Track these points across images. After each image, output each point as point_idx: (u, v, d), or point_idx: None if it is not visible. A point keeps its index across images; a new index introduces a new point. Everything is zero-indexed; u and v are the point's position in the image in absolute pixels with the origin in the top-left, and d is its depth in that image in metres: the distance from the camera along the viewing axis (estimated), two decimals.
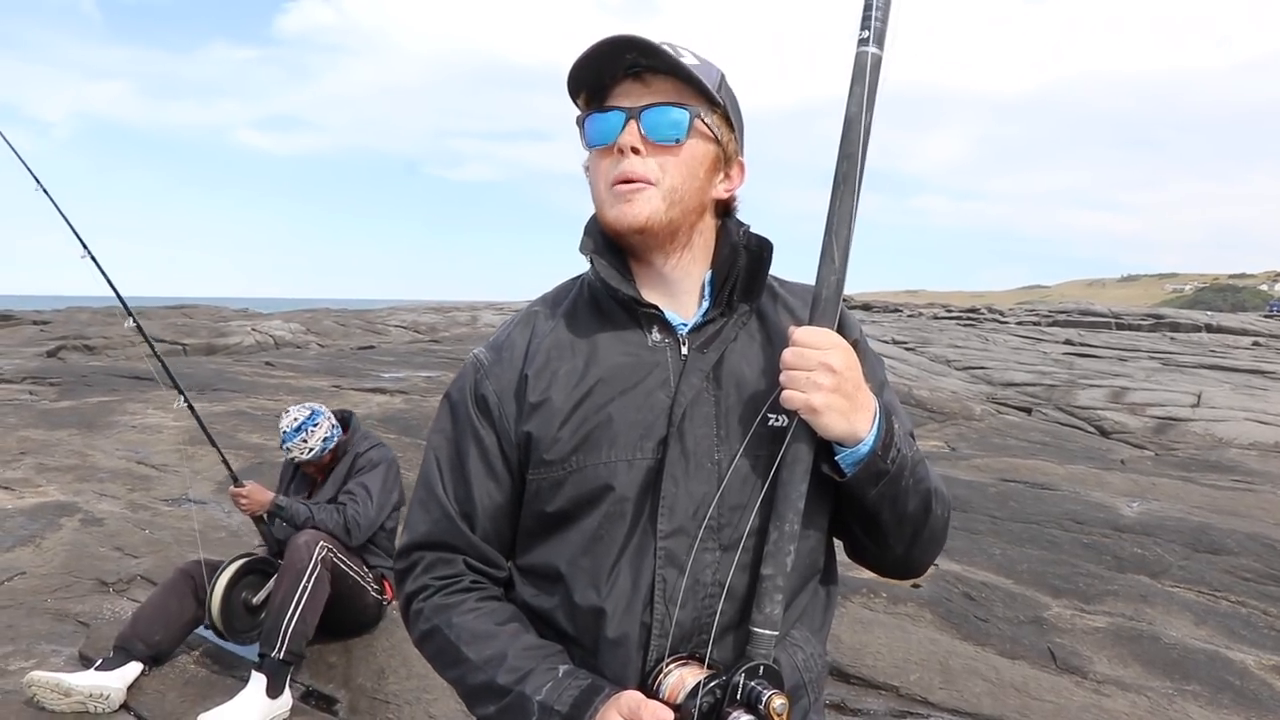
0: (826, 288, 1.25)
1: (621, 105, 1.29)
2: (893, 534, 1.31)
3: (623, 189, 1.28)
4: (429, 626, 1.32)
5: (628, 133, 1.27)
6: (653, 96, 1.28)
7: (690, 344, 1.31)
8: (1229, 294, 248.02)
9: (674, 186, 1.29)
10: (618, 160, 1.28)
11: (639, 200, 1.28)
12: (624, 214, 1.28)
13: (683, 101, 1.28)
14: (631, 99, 1.29)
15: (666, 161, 1.28)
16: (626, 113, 1.28)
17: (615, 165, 1.29)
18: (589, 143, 1.33)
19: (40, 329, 21.66)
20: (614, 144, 1.28)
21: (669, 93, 1.28)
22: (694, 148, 1.30)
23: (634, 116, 1.27)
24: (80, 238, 3.79)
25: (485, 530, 1.34)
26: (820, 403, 1.18)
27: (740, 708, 1.12)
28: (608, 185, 1.30)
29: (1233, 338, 26.10)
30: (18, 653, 3.83)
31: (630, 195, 1.28)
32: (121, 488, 6.66)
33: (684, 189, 1.30)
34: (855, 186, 1.25)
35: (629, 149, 1.27)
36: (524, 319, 1.41)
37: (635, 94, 1.29)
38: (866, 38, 1.26)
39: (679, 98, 1.28)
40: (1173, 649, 4.20)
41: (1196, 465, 8.85)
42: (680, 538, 1.24)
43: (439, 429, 1.40)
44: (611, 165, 1.29)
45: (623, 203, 1.28)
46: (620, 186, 1.28)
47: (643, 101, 1.28)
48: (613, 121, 1.29)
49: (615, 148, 1.28)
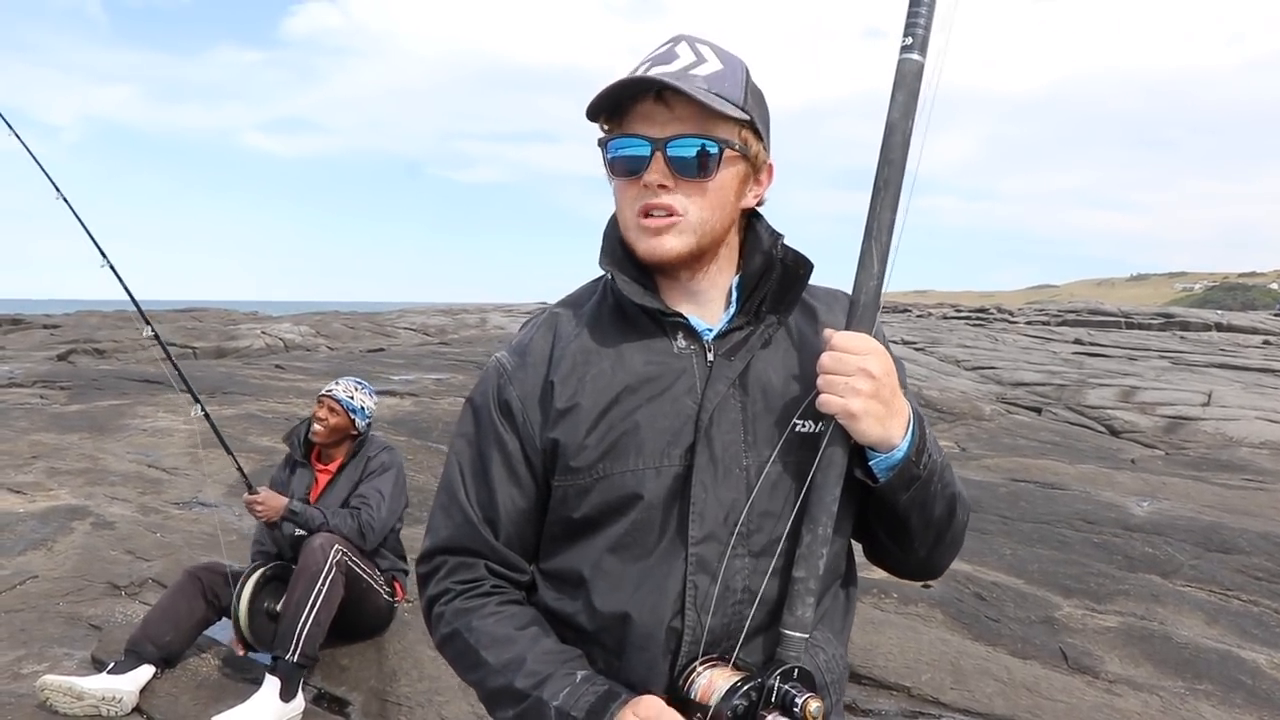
0: (865, 293, 1.24)
1: (646, 134, 1.24)
2: (918, 538, 1.32)
3: (651, 223, 1.26)
4: (450, 630, 1.32)
5: (654, 169, 1.24)
6: (679, 125, 1.23)
7: (716, 350, 1.30)
8: (1239, 293, 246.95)
9: (703, 220, 1.26)
10: (644, 191, 1.26)
11: (668, 236, 1.26)
12: (653, 249, 1.27)
13: (710, 133, 1.24)
14: (656, 126, 1.24)
15: (695, 195, 1.25)
16: (652, 144, 1.24)
17: (641, 195, 1.26)
18: (613, 172, 1.29)
19: (51, 333, 21.72)
20: (640, 180, 1.25)
21: (695, 119, 1.23)
22: (723, 178, 1.27)
23: (660, 149, 1.23)
24: (100, 247, 3.80)
25: (508, 535, 1.34)
26: (858, 408, 1.17)
27: (775, 710, 1.12)
28: (635, 214, 1.28)
29: (1243, 336, 26.00)
30: (30, 656, 3.85)
31: (660, 229, 1.26)
32: (132, 491, 6.68)
33: (714, 219, 1.27)
34: (896, 193, 1.24)
35: (654, 185, 1.24)
36: (546, 322, 1.39)
37: (660, 119, 1.24)
38: (910, 44, 1.24)
39: (706, 126, 1.24)
40: (1184, 648, 4.18)
41: (1207, 464, 8.81)
42: (711, 544, 1.24)
43: (462, 433, 1.40)
44: (638, 194, 1.27)
45: (650, 236, 1.26)
46: (648, 220, 1.26)
47: (669, 131, 1.23)
48: (638, 152, 1.25)
49: (641, 183, 1.25)
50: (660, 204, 1.25)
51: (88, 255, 3.83)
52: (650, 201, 1.25)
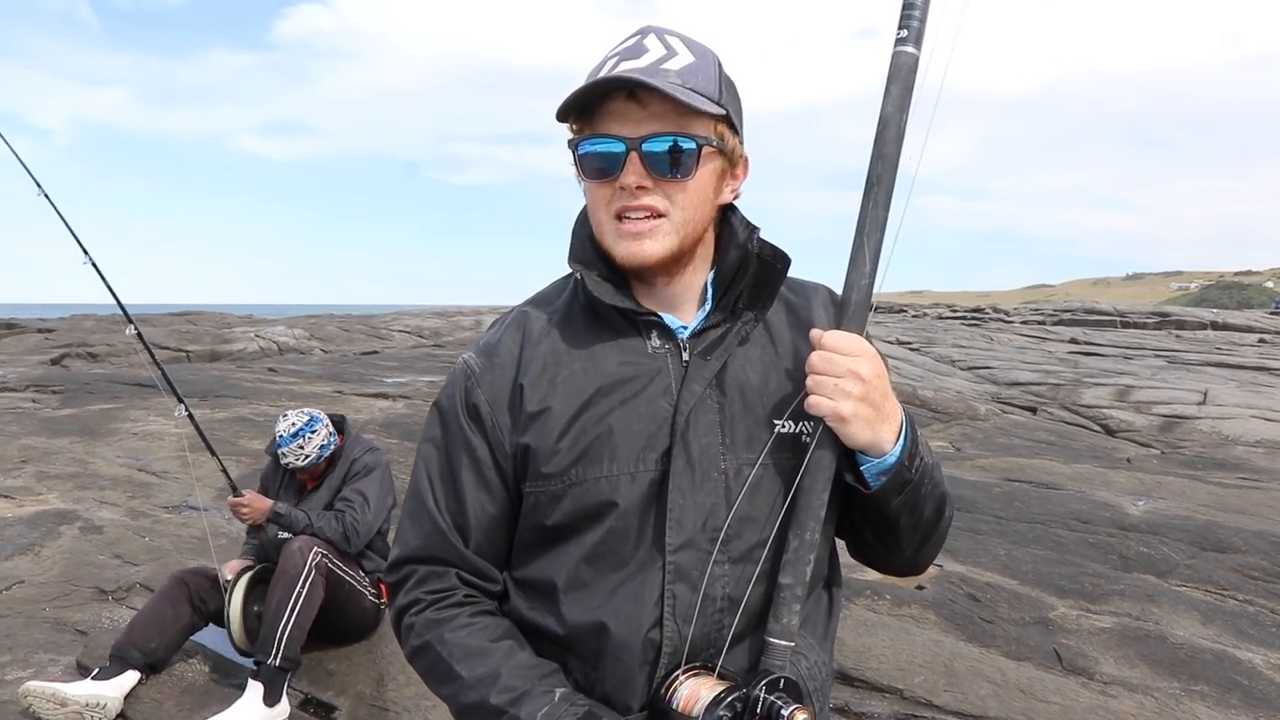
0: (856, 292, 1.20)
1: (619, 134, 1.18)
2: (906, 539, 1.29)
3: (630, 226, 1.21)
4: (421, 642, 1.27)
5: (630, 170, 1.18)
6: (654, 123, 1.18)
7: (691, 350, 1.26)
8: (1234, 291, 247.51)
9: (685, 220, 1.22)
10: (620, 193, 1.20)
11: (650, 239, 1.21)
12: (633, 254, 1.21)
13: (686, 130, 1.18)
14: (630, 125, 1.18)
15: (674, 194, 1.20)
16: (626, 144, 1.18)
17: (617, 197, 1.21)
18: (584, 174, 1.23)
19: (45, 337, 21.69)
20: (616, 181, 1.20)
21: (670, 116, 1.18)
22: (702, 175, 1.22)
23: (635, 148, 1.18)
24: (81, 243, 3.77)
25: (478, 543, 1.30)
26: (848, 411, 1.14)
27: None
28: (610, 215, 1.22)
29: (1238, 335, 26.03)
30: (15, 662, 3.81)
31: (639, 233, 1.21)
32: (122, 495, 6.63)
33: (695, 218, 1.23)
34: (889, 189, 1.20)
35: (631, 187, 1.19)
36: (515, 321, 1.34)
37: (633, 118, 1.18)
38: (905, 37, 1.20)
39: (681, 123, 1.18)
40: (1180, 649, 4.15)
41: (1203, 463, 8.79)
42: (689, 551, 1.20)
43: (429, 438, 1.35)
44: (613, 196, 1.21)
45: (630, 240, 1.21)
46: (626, 225, 1.21)
47: (644, 129, 1.18)
48: (612, 153, 1.19)
49: (617, 184, 1.20)
50: (640, 205, 1.20)
51: (75, 255, 3.81)
52: (628, 204, 1.20)
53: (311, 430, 3.89)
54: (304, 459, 3.89)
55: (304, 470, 3.98)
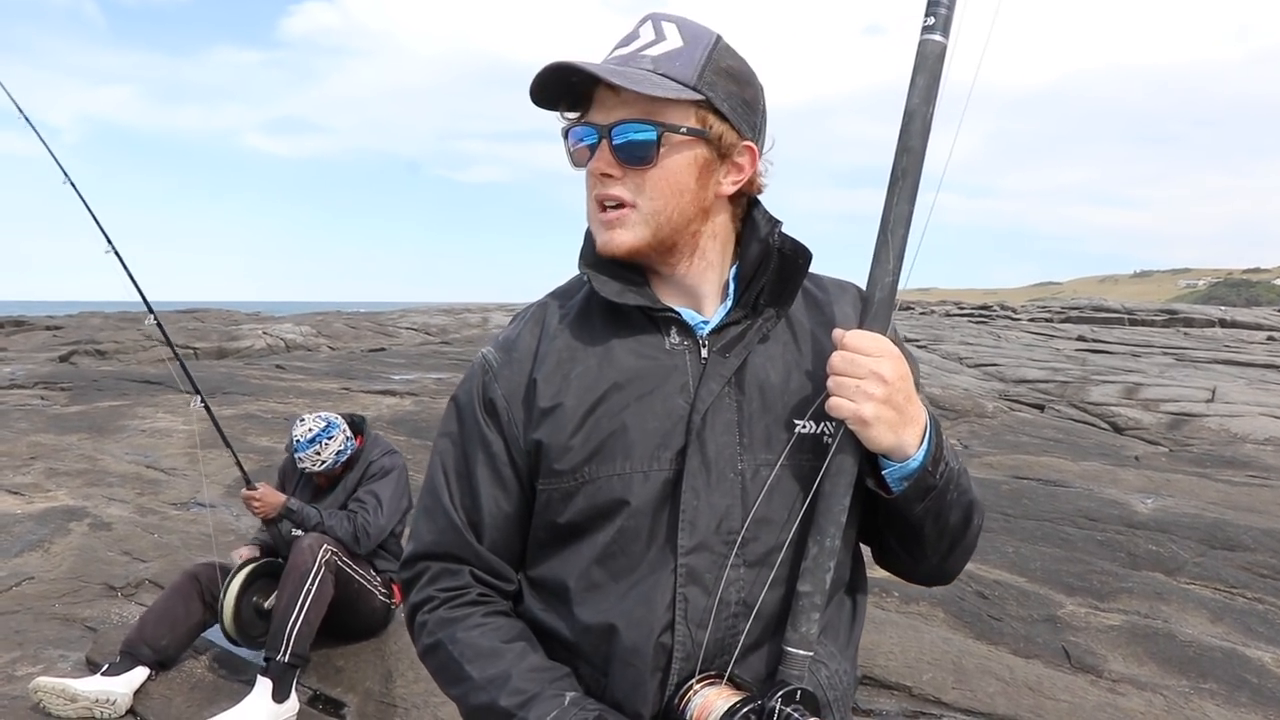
0: (880, 290, 1.17)
1: (595, 121, 1.20)
2: (931, 546, 1.25)
3: (605, 216, 1.22)
4: (433, 640, 1.26)
5: (600, 157, 1.19)
6: (624, 110, 1.18)
7: (710, 346, 1.23)
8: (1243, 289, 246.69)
9: (655, 210, 1.20)
10: (596, 182, 1.22)
11: (620, 229, 1.21)
12: (607, 243, 1.22)
13: (653, 117, 1.17)
14: (605, 112, 1.20)
15: (642, 183, 1.20)
16: (598, 131, 1.19)
17: (595, 186, 1.22)
18: (572, 162, 1.26)
19: (53, 334, 21.75)
20: (589, 166, 1.22)
21: (640, 103, 1.17)
22: (670, 164, 1.19)
23: (605, 135, 1.19)
24: (105, 232, 3.77)
25: (493, 540, 1.28)
26: (870, 414, 1.11)
27: None
28: (594, 204, 1.24)
29: (1247, 333, 25.92)
30: (25, 658, 3.83)
31: (612, 222, 1.21)
32: (130, 492, 6.66)
33: (668, 208, 1.21)
34: (915, 184, 1.16)
35: (599, 175, 1.20)
36: (534, 315, 1.33)
37: (609, 105, 1.19)
38: (932, 25, 1.16)
39: (650, 110, 1.17)
40: (1189, 647, 4.14)
41: (1211, 461, 8.75)
42: (702, 554, 1.17)
43: (445, 433, 1.33)
44: (593, 184, 1.23)
45: (605, 230, 1.22)
46: (604, 214, 1.22)
47: (614, 117, 1.18)
48: (586, 139, 1.21)
49: (596, 172, 1.21)
50: (609, 194, 1.20)
51: (91, 246, 3.80)
52: (602, 192, 1.21)
53: (328, 436, 3.89)
54: (320, 464, 3.89)
55: (320, 474, 3.99)
